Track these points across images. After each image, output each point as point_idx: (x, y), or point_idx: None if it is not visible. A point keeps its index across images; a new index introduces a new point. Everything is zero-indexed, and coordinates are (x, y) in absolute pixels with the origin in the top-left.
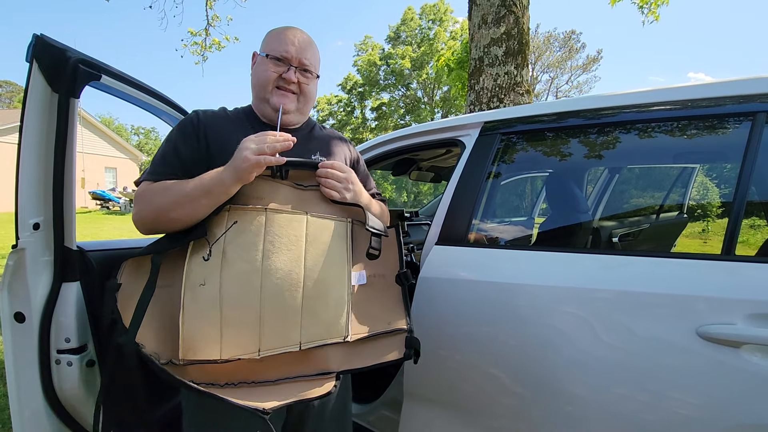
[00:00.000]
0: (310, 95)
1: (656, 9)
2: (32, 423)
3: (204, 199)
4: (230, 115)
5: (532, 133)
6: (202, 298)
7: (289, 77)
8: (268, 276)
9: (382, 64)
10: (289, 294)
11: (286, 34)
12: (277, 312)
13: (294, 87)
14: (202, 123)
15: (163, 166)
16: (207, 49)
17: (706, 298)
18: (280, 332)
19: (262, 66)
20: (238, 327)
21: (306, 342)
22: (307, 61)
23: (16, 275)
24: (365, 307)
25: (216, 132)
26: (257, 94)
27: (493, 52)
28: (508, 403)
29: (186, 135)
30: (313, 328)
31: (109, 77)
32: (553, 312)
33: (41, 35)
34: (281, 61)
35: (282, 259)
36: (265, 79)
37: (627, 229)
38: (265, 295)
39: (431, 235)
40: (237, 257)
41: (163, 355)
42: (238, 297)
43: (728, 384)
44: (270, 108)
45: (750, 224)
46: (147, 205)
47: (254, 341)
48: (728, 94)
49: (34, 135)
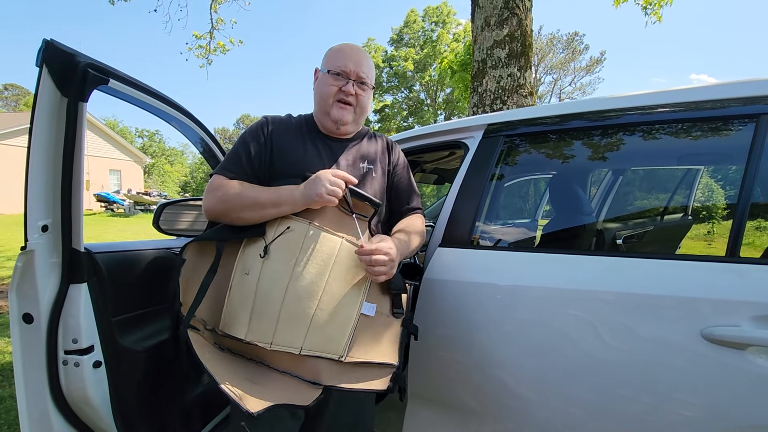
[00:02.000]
0: (365, 106)
1: (659, 10)
2: (39, 423)
3: (273, 209)
4: (293, 123)
5: (535, 135)
6: (245, 285)
7: (348, 90)
8: (295, 281)
9: (385, 67)
10: (305, 301)
11: (344, 50)
12: (291, 314)
13: (352, 99)
14: (270, 129)
15: (236, 166)
16: (212, 52)
17: (710, 300)
18: (289, 333)
19: (323, 81)
20: (261, 318)
21: (306, 349)
22: (363, 74)
23: (25, 277)
24: (366, 336)
25: (279, 139)
26: (319, 107)
27: (496, 54)
28: (512, 405)
29: (257, 140)
30: (316, 338)
31: (116, 81)
32: (556, 314)
33: (51, 40)
34: (340, 75)
35: (310, 270)
36: (327, 93)
37: (631, 231)
38: (288, 296)
39: (435, 237)
40: (277, 258)
41: (209, 322)
42: (268, 292)
43: (733, 386)
44: (330, 120)
45: (755, 226)
46: (219, 201)
47: (270, 334)
48: (732, 96)
49: (43, 138)
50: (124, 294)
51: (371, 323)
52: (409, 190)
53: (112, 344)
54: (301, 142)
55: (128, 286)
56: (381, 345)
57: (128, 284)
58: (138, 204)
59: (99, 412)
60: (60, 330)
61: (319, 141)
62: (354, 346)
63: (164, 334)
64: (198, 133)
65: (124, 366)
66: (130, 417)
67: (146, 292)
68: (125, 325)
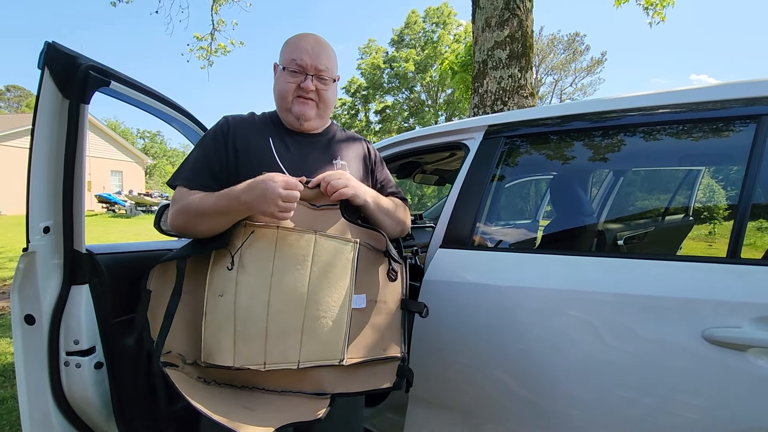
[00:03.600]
0: (328, 100)
1: (662, 10)
2: (41, 424)
3: (222, 218)
4: (257, 121)
5: (536, 136)
6: (220, 309)
7: (307, 86)
8: (276, 292)
9: (386, 68)
10: (292, 312)
11: (299, 43)
12: (280, 328)
13: (313, 95)
14: (231, 130)
15: (194, 173)
16: (213, 53)
17: (712, 301)
18: (282, 348)
19: (281, 78)
20: (247, 339)
21: (304, 361)
22: (322, 67)
23: (27, 278)
24: (363, 332)
25: (242, 139)
26: (279, 105)
27: (496, 55)
28: (512, 407)
29: (217, 142)
30: (312, 347)
31: (118, 83)
32: (557, 315)
33: (53, 43)
34: (297, 72)
35: (289, 277)
36: (285, 91)
37: (632, 232)
38: (271, 310)
39: (435, 238)
40: (251, 271)
41: (188, 356)
42: (249, 310)
43: (734, 387)
44: (292, 116)
45: (756, 227)
46: (179, 214)
47: (261, 354)
48: (733, 97)
49: (45, 140)
50: (126, 295)
51: (365, 315)
52: (392, 184)
53: (113, 345)
54: (267, 140)
55: (129, 287)
56: (381, 337)
57: (129, 286)
58: (139, 205)
59: (100, 412)
60: (61, 331)
61: (287, 137)
62: (353, 346)
63: None
64: (199, 134)
65: (126, 367)
66: (131, 418)
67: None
68: (126, 326)
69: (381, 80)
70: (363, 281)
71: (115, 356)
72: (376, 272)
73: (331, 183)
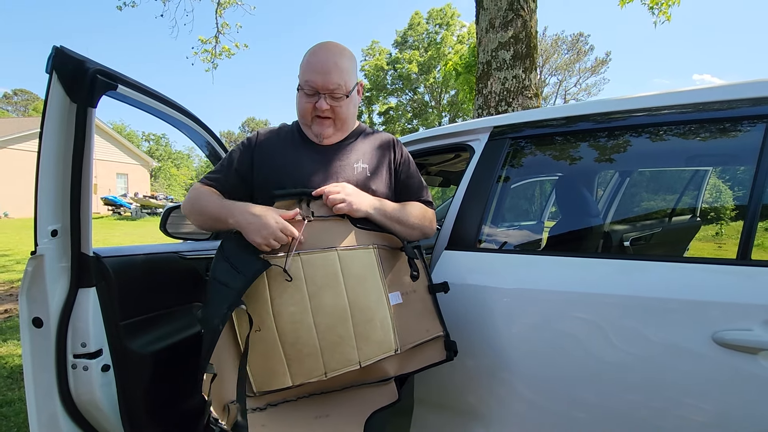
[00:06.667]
0: (345, 116)
1: (667, 9)
2: (48, 426)
3: (215, 222)
4: (281, 133)
5: (541, 137)
6: (261, 342)
7: (321, 106)
8: (318, 314)
9: (389, 69)
10: (340, 326)
11: (311, 61)
12: (333, 342)
13: (328, 112)
14: (257, 142)
15: (216, 173)
16: (217, 56)
17: (721, 303)
18: (340, 357)
19: (299, 98)
20: (301, 358)
21: (364, 360)
22: (333, 86)
23: (35, 281)
24: (406, 322)
25: (263, 150)
26: (301, 122)
27: (500, 55)
28: (518, 409)
29: (242, 152)
30: (368, 348)
31: (124, 87)
32: (564, 318)
33: (61, 47)
34: (312, 94)
35: (327, 296)
36: (304, 110)
37: (639, 233)
38: (320, 331)
39: (441, 240)
40: (285, 304)
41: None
42: (296, 336)
43: (745, 391)
44: (312, 134)
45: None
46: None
47: (319, 367)
48: (741, 97)
49: (52, 144)
50: (132, 298)
51: (403, 307)
52: (418, 186)
53: (120, 348)
54: (292, 148)
55: (136, 290)
56: (423, 321)
57: (136, 288)
58: (144, 207)
59: (107, 415)
60: (69, 334)
61: (309, 146)
62: (402, 335)
63: (172, 338)
64: (204, 136)
65: (132, 369)
66: (138, 420)
67: (154, 295)
68: (133, 328)
69: (384, 82)
70: (392, 279)
71: (122, 359)
72: (399, 268)
73: (330, 197)
